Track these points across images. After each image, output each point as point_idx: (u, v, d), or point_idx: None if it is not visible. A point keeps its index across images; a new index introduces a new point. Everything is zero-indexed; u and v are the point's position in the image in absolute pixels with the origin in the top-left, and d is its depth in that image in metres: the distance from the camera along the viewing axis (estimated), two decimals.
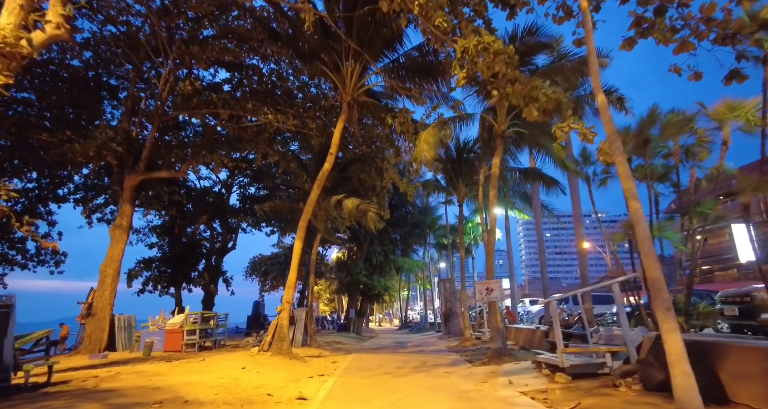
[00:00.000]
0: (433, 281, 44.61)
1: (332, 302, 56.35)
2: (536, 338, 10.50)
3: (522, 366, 7.78)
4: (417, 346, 15.94)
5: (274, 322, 10.25)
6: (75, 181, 19.36)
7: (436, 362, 9.83)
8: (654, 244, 5.61)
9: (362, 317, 28.04)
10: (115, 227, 14.42)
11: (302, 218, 10.95)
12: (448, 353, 12.17)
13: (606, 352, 5.64)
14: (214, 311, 14.64)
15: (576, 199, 13.73)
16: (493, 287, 9.23)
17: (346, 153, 16.71)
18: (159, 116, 15.00)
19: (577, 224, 13.42)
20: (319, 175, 11.39)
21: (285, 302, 10.33)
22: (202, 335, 13.86)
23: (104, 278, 13.58)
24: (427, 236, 29.31)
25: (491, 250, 9.46)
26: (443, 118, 10.28)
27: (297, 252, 10.71)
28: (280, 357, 9.45)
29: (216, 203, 23.20)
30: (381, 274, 25.79)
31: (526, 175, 13.15)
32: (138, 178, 14.76)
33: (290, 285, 10.41)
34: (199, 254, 22.75)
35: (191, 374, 6.61)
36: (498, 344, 9.12)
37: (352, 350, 14.65)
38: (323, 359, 11.03)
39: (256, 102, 14.80)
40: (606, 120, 4.92)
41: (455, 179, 15.53)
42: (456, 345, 14.00)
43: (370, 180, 16.23)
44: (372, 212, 13.77)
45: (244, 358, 9.03)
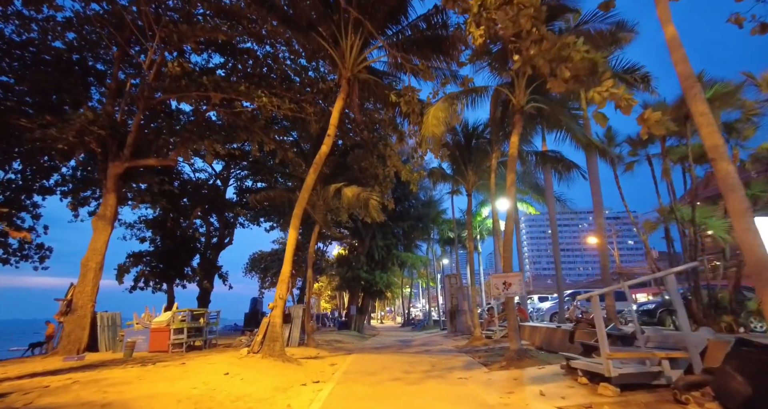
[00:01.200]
0: (436, 278, 43.61)
1: (333, 299, 55.47)
2: (556, 339, 9.44)
3: (548, 372, 6.73)
4: (422, 345, 14.92)
5: (265, 320, 9.23)
6: (63, 172, 18.38)
7: (447, 364, 8.79)
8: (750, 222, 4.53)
9: (364, 314, 27.05)
10: (98, 217, 13.41)
11: (297, 205, 9.91)
12: (458, 353, 11.13)
13: (664, 358, 4.57)
14: (205, 308, 13.62)
15: (596, 187, 12.62)
16: (511, 281, 8.18)
17: (346, 139, 15.64)
18: (145, 99, 13.94)
19: (598, 214, 12.33)
20: (315, 159, 10.33)
21: (278, 298, 9.30)
22: (191, 333, 12.86)
23: (86, 273, 12.57)
24: (430, 230, 28.23)
25: (509, 239, 8.40)
26: (454, 93, 9.18)
27: (291, 243, 9.67)
28: (271, 360, 8.42)
29: (211, 196, 22.17)
30: (383, 269, 24.75)
31: (544, 158, 12.05)
32: (123, 165, 13.73)
33: (283, 280, 9.38)
34: (193, 249, 21.75)
35: (161, 382, 5.58)
36: (517, 345, 8.07)
37: (353, 350, 13.64)
38: (321, 361, 10.01)
39: (249, 85, 13.75)
40: (678, 58, 3.83)
41: (463, 167, 14.44)
42: (465, 345, 12.96)
43: (372, 168, 15.15)
44: (374, 201, 12.73)
45: (231, 361, 8.00)
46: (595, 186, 12.73)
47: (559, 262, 15.47)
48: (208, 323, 13.31)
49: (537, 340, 11.15)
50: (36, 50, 14.80)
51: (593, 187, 12.73)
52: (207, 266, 22.57)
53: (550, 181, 15.63)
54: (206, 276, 22.23)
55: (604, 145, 9.28)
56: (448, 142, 14.56)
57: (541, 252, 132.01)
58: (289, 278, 9.48)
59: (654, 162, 10.23)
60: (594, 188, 12.71)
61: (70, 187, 18.51)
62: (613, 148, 10.12)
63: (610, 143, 10.26)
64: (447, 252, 38.91)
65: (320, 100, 14.95)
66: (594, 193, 12.66)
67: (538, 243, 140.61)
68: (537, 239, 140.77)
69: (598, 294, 4.90)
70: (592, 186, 12.75)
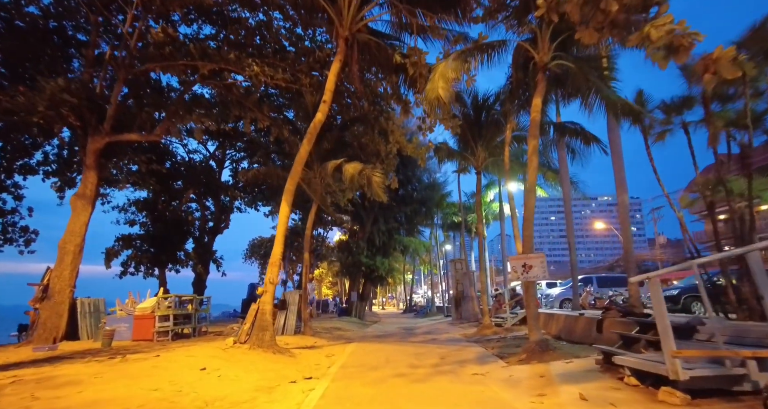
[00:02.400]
0: (439, 264, 42.82)
1: (335, 285, 54.93)
2: (579, 328, 8.46)
3: (579, 367, 5.75)
4: (427, 333, 14.04)
5: (254, 307, 8.27)
6: (46, 150, 17.28)
7: (458, 356, 7.85)
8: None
9: (365, 300, 26.26)
10: (77, 196, 12.40)
11: (289, 179, 8.84)
12: (468, 343, 10.21)
13: (750, 358, 3.55)
14: (194, 294, 12.71)
15: (619, 164, 11.45)
16: (532, 263, 7.16)
17: (344, 113, 14.42)
18: (126, 68, 12.77)
19: (621, 192, 11.20)
20: (309, 128, 9.20)
21: (268, 282, 8.31)
22: (179, 321, 11.98)
23: (63, 256, 11.63)
24: (434, 214, 27.17)
25: (530, 215, 7.34)
26: (467, 48, 7.97)
27: (283, 221, 8.63)
28: (259, 351, 7.49)
29: (205, 178, 21.11)
30: (385, 255, 23.84)
31: (562, 130, 10.88)
32: (103, 140, 12.65)
33: (274, 262, 8.37)
34: (186, 232, 20.78)
35: (119, 381, 4.62)
36: (537, 335, 7.09)
37: (353, 338, 12.77)
38: (317, 352, 9.09)
39: (240, 53, 12.54)
40: None
41: (472, 143, 13.27)
42: (474, 333, 12.05)
43: (373, 144, 13.99)
44: (377, 178, 11.63)
45: (213, 352, 7.06)
46: (618, 162, 11.56)
47: (573, 245, 14.43)
48: (197, 309, 12.41)
49: (554, 328, 10.21)
50: (8, 16, 13.54)
51: (616, 163, 11.56)
52: (201, 251, 21.67)
53: (564, 159, 14.44)
54: (201, 261, 21.36)
55: (640, 109, 8.09)
56: (456, 115, 13.37)
57: (543, 238, 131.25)
58: (281, 260, 8.49)
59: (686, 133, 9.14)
60: (616, 164, 11.54)
61: (54, 168, 17.43)
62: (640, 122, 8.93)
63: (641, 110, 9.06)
64: (450, 238, 37.98)
65: (316, 72, 13.73)
66: (617, 170, 11.49)
67: (541, 230, 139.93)
68: (541, 226, 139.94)
69: (660, 274, 3.85)
70: (615, 162, 11.58)
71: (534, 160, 7.35)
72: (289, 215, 8.76)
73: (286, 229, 8.71)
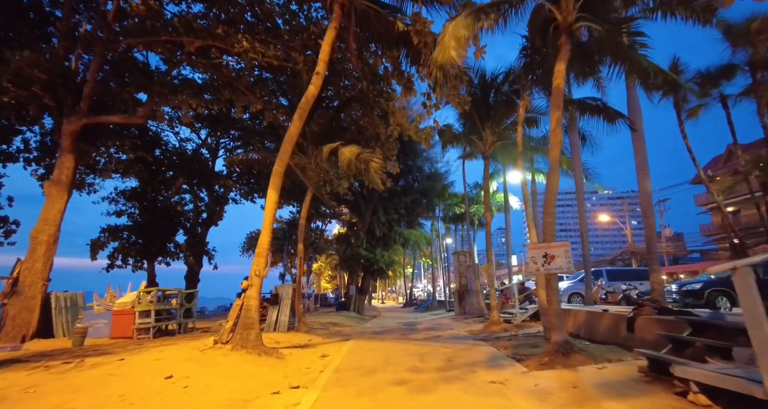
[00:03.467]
0: (440, 257, 42.00)
1: (334, 279, 54.21)
2: (602, 326, 7.56)
3: (617, 375, 4.85)
4: (430, 329, 13.18)
5: (237, 302, 7.35)
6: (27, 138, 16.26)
7: (467, 357, 6.95)
8: None
9: (364, 294, 25.43)
10: (52, 182, 11.47)
11: (278, 160, 7.88)
12: (476, 341, 9.32)
13: None
14: (178, 288, 11.80)
15: (641, 145, 10.51)
16: (554, 253, 6.24)
17: (342, 95, 13.39)
18: (103, 43, 11.75)
19: (643, 177, 10.25)
20: (301, 103, 8.21)
21: (253, 275, 7.39)
22: (163, 316, 11.11)
23: (35, 246, 10.71)
24: (435, 206, 26.23)
25: (552, 198, 6.37)
26: (482, 5, 6.94)
27: (270, 207, 7.69)
28: (243, 352, 6.59)
29: (196, 166, 20.11)
30: (384, 247, 22.94)
31: (582, 108, 9.88)
32: (80, 122, 11.70)
33: (260, 252, 7.44)
34: (176, 223, 19.83)
35: (56, 397, 3.72)
36: (561, 335, 6.18)
37: (350, 335, 11.91)
38: (310, 351, 8.20)
39: (229, 29, 11.52)
40: None
41: (479, 125, 12.27)
42: (481, 330, 11.17)
43: (373, 127, 13.01)
44: (375, 163, 10.67)
45: (189, 354, 6.17)
46: (639, 144, 10.63)
47: (586, 236, 13.54)
48: (182, 304, 11.52)
49: (570, 325, 9.32)
50: None
51: (637, 145, 10.63)
52: (193, 243, 20.76)
53: (577, 144, 13.49)
54: (193, 254, 20.46)
55: (675, 77, 7.13)
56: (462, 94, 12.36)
57: None
58: (269, 250, 7.55)
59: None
60: (637, 147, 10.60)
61: (36, 156, 16.43)
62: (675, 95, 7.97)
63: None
64: (452, 231, 37.09)
65: (311, 51, 12.71)
66: (638, 153, 10.56)
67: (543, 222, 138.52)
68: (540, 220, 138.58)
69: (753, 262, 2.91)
70: (636, 145, 10.64)
71: (557, 133, 6.38)
72: (277, 201, 7.82)
73: (274, 216, 7.78)
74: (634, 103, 10.52)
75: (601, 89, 11.61)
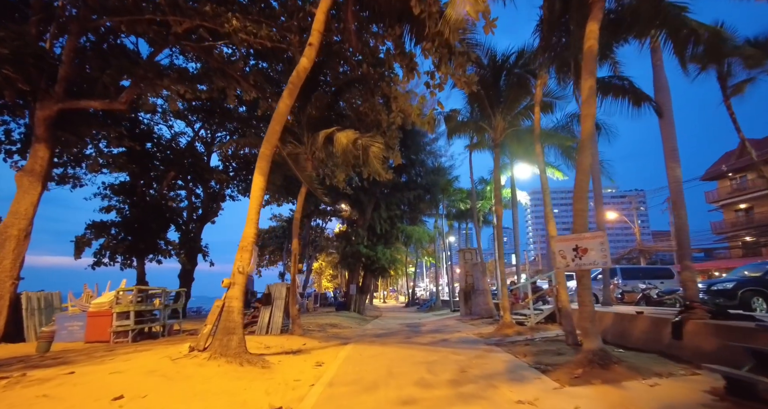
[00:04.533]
0: (442, 256, 41.01)
1: (335, 278, 53.34)
2: (637, 330, 6.60)
3: (676, 394, 3.90)
4: (435, 331, 12.23)
5: (217, 304, 6.40)
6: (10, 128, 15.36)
7: (483, 367, 5.99)
8: None
9: (365, 293, 24.48)
10: (24, 172, 10.55)
11: (265, 141, 6.94)
12: (488, 346, 8.36)
13: None
14: (162, 287, 10.86)
15: (669, 131, 9.52)
16: (587, 246, 5.28)
17: (339, 78, 12.41)
18: (81, 20, 10.85)
19: (672, 165, 9.25)
20: (291, 77, 7.25)
21: (236, 272, 6.45)
22: (146, 317, 10.19)
23: (4, 242, 9.79)
24: (439, 202, 25.23)
25: (585, 180, 5.40)
26: None
27: (256, 194, 6.74)
28: (221, 362, 5.65)
29: (188, 159, 19.19)
30: (386, 244, 21.99)
31: (606, 87, 8.91)
32: (55, 106, 10.78)
33: (245, 246, 6.50)
34: (168, 219, 18.91)
35: None
36: (596, 342, 5.22)
37: (350, 338, 10.98)
38: (303, 359, 7.26)
39: (218, 7, 10.60)
40: None
41: (489, 110, 11.29)
42: (491, 333, 10.21)
43: (374, 114, 12.04)
44: (376, 147, 9.73)
45: (155, 365, 5.23)
46: (668, 129, 9.63)
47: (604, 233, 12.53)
48: (166, 304, 10.59)
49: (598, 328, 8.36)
50: None
51: (665, 131, 9.63)
52: (186, 240, 19.86)
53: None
54: (186, 251, 19.56)
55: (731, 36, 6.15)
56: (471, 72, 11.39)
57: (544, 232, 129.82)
58: (254, 244, 6.61)
59: None
60: (666, 132, 9.60)
61: (18, 148, 15.53)
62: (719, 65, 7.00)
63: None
64: (455, 229, 36.03)
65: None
66: (666, 139, 9.56)
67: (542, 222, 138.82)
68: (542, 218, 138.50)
69: None
70: (664, 130, 9.64)
71: (591, 104, 5.43)
72: (264, 188, 6.87)
73: (261, 204, 6.83)
74: (662, 83, 9.51)
75: (616, 73, 10.66)
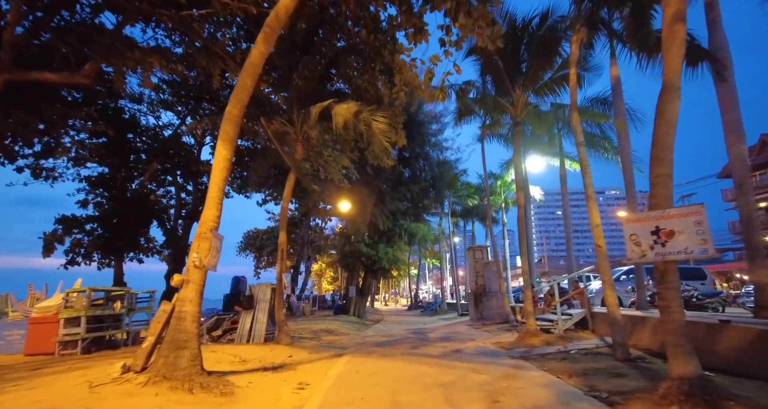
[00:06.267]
0: (446, 257, 39.39)
1: (336, 280, 51.72)
2: (724, 345, 4.98)
3: None
4: (445, 339, 10.62)
5: (163, 308, 4.82)
6: None
7: (521, 396, 4.38)
8: None
9: (365, 296, 22.86)
10: None
11: (233, 97, 5.40)
12: (514, 360, 6.76)
13: None
14: (127, 287, 9.30)
15: (731, 98, 7.95)
16: (674, 227, 3.72)
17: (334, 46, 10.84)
18: None
19: (734, 140, 7.68)
20: (268, 20, 5.67)
21: (191, 266, 4.88)
22: (107, 323, 8.63)
23: None
24: (445, 198, 23.63)
25: (670, 134, 3.80)
26: None
27: (220, 165, 5.18)
28: (164, 388, 4.07)
29: (172, 148, 17.69)
30: (388, 243, 20.39)
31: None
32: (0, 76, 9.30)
33: (203, 233, 4.93)
34: (151, 214, 17.37)
35: None
36: (691, 366, 3.61)
37: (346, 347, 9.39)
38: (283, 377, 5.67)
39: None
40: None
41: (508, 84, 9.72)
42: (513, 342, 8.59)
43: (374, 89, 10.50)
44: (381, 123, 8.19)
45: (69, 395, 3.66)
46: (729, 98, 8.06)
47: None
48: (131, 308, 9.02)
49: (645, 338, 6.76)
50: None
51: (725, 99, 8.05)
52: (172, 238, 18.33)
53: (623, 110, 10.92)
54: (172, 250, 18.03)
55: None
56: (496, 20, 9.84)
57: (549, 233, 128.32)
58: (213, 227, 5.03)
59: None
60: (726, 101, 8.03)
61: None
62: None
63: None
64: (460, 228, 34.30)
65: None
66: (727, 110, 7.98)
67: (546, 224, 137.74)
68: (546, 220, 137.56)
69: None
70: (723, 98, 8.07)
71: (678, 31, 3.84)
72: (229, 159, 5.31)
73: (226, 180, 5.26)
74: (720, 42, 7.97)
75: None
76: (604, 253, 6.52)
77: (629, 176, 11.12)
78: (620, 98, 10.96)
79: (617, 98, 11.00)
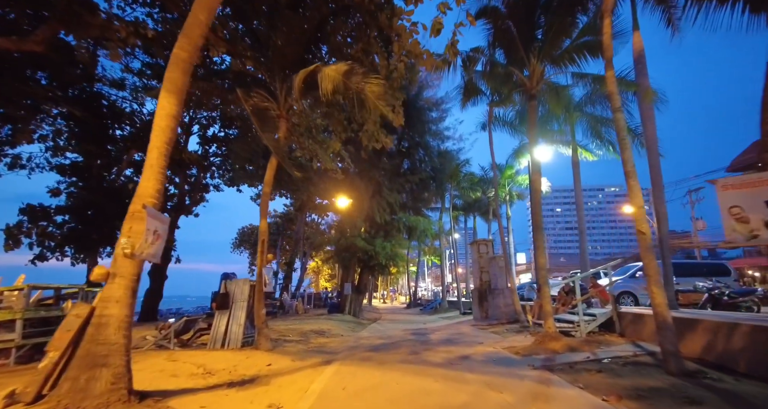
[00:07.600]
0: (446, 253, 38.23)
1: (334, 278, 50.53)
2: None
3: None
4: (449, 342, 9.41)
5: (77, 312, 3.55)
6: None
7: None
8: None
9: (361, 293, 21.64)
10: None
11: (181, 35, 4.15)
12: (536, 370, 5.56)
13: None
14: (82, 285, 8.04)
15: None
16: None
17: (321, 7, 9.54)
18: None
19: None
20: None
21: (119, 254, 3.65)
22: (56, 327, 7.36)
23: None
24: (446, 190, 22.38)
25: None
26: None
27: (162, 122, 3.95)
28: None
29: None
30: (386, 237, 19.18)
31: None
32: None
33: (136, 212, 3.70)
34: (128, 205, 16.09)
35: None
36: None
37: (337, 352, 8.16)
38: (249, 397, 4.45)
39: None
40: None
41: (523, 52, 8.46)
42: (529, 347, 7.39)
43: (369, 58, 9.24)
44: (375, 86, 6.96)
45: None
46: None
47: (665, 220, 9.74)
48: None
49: (698, 345, 5.57)
50: None
51: None
52: None
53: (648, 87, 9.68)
54: None
55: None
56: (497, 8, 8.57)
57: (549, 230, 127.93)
58: (158, 197, 3.80)
59: None
60: None
61: None
62: None
63: None
64: (460, 222, 33.01)
65: None
66: None
67: (546, 221, 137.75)
68: (547, 217, 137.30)
69: None
70: None
71: None
72: (174, 115, 4.07)
73: (171, 143, 4.03)
74: None
75: None
76: (648, 242, 5.30)
77: (654, 160, 9.89)
78: (644, 74, 9.72)
79: (641, 74, 9.75)
